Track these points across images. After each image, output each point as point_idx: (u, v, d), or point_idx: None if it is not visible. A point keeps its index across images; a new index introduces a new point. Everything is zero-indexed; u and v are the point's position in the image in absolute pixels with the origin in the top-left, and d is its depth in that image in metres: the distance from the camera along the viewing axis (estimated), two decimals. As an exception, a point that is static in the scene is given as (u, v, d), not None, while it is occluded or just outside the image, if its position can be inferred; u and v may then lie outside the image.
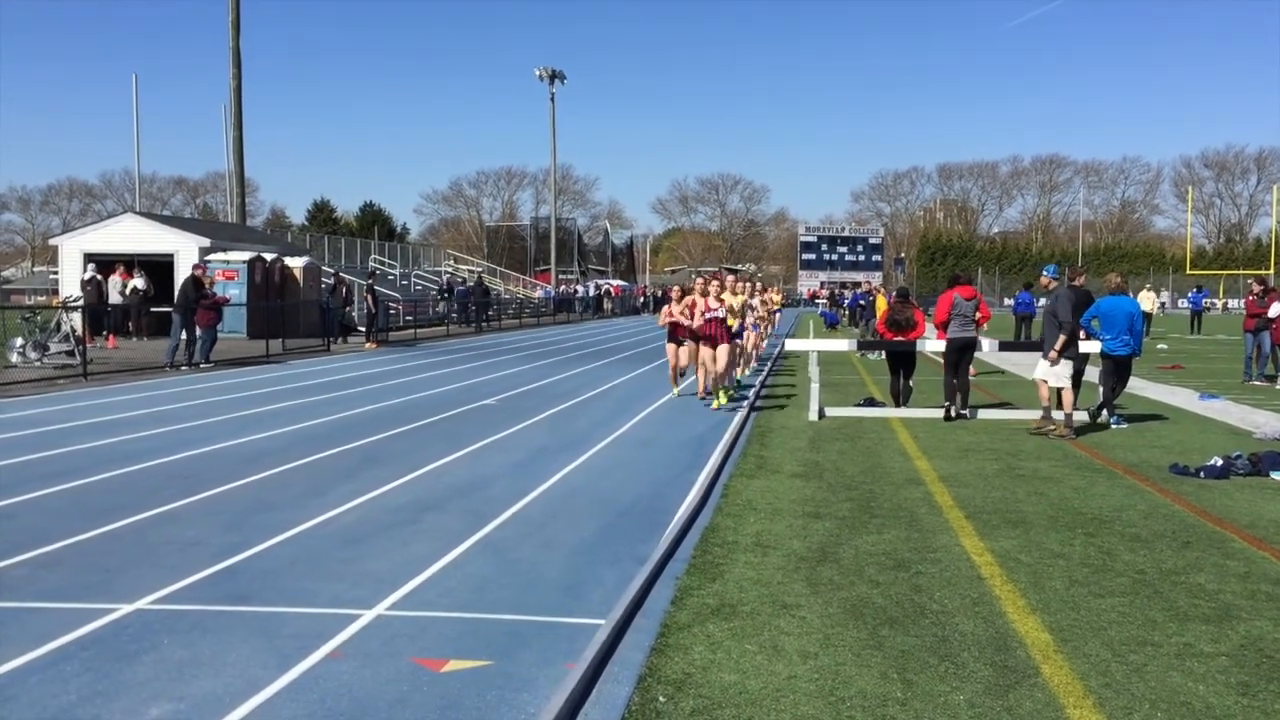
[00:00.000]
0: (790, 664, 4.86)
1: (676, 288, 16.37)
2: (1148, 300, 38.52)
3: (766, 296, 27.73)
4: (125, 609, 5.58)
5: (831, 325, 47.13)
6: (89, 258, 31.59)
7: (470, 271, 66.12)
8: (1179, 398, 16.77)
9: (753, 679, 4.68)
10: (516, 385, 18.52)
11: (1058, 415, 12.70)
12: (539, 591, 6.00)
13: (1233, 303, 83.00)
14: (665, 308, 16.19)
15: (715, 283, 15.32)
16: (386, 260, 55.98)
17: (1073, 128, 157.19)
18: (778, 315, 34.94)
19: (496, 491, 8.85)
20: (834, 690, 4.55)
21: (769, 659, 4.93)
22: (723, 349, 14.74)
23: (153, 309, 29.53)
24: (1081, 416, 13.18)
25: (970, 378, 14.82)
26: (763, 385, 18.53)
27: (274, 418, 13.72)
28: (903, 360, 15.14)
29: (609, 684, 4.64)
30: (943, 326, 14.22)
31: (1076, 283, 13.33)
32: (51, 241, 45.94)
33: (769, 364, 23.04)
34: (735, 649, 5.06)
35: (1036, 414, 13.21)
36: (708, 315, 14.80)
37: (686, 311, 15.48)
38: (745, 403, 15.24)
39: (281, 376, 20.18)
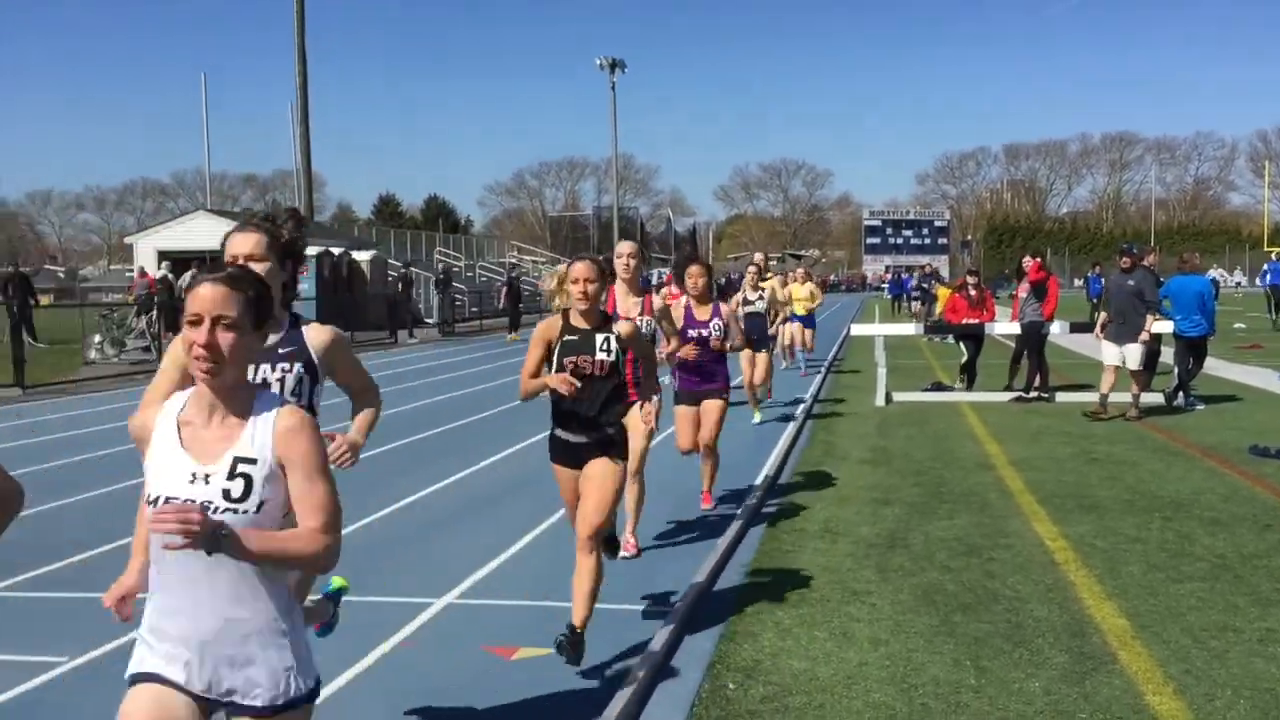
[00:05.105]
0: (861, 651, 4.83)
1: (558, 271, 5.29)
2: None
3: (749, 286, 12.43)
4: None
5: (896, 299, 46.70)
6: (163, 255, 32.30)
7: (534, 263, 66.39)
8: (1258, 378, 16.34)
9: (823, 666, 4.65)
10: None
11: (1113, 398, 12.40)
12: (607, 579, 5.99)
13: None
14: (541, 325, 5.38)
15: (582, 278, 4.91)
16: (451, 253, 56.48)
17: (1143, 103, 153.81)
18: (808, 334, 19.11)
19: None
20: (906, 677, 4.51)
21: (839, 646, 4.90)
22: (600, 468, 5.32)
23: None
24: (1156, 399, 12.91)
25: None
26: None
27: (344, 410, 13.88)
28: (978, 342, 15.36)
29: (678, 671, 4.64)
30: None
31: (1145, 262, 13.05)
32: (126, 240, 47.03)
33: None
34: (805, 636, 5.04)
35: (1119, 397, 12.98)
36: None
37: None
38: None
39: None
